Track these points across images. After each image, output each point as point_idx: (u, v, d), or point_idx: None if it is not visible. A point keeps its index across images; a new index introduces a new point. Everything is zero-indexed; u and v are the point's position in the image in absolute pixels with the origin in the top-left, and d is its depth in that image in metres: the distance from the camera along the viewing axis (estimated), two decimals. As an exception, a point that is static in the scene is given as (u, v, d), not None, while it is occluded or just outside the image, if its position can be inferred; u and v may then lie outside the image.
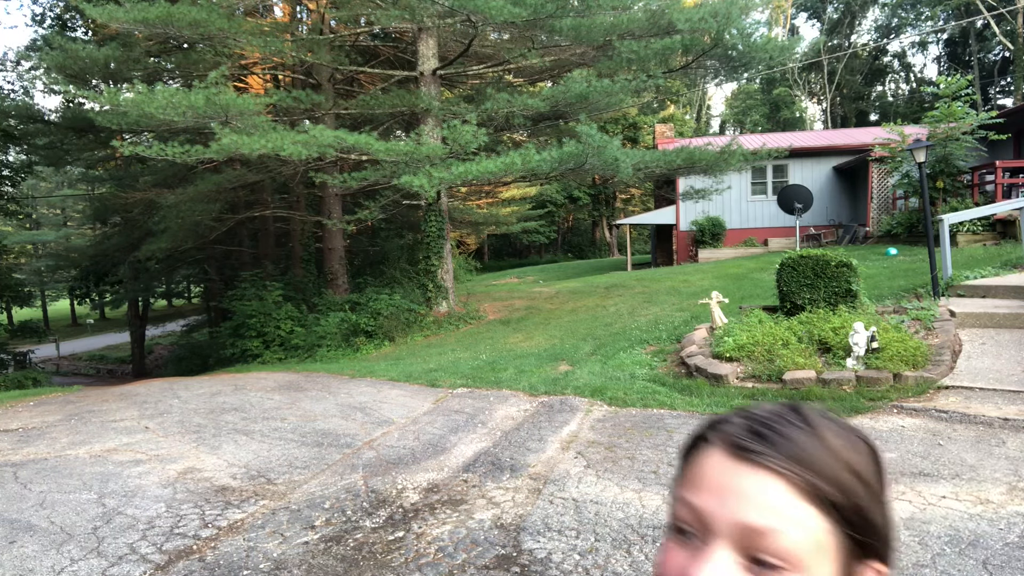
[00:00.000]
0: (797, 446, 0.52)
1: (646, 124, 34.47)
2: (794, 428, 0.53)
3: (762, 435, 0.53)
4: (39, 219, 40.53)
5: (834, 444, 0.53)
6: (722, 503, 0.51)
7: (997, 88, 40.10)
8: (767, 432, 0.53)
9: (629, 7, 12.17)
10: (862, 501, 0.51)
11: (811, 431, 0.53)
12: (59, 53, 13.17)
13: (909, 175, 13.58)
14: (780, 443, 0.52)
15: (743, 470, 0.52)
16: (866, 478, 0.53)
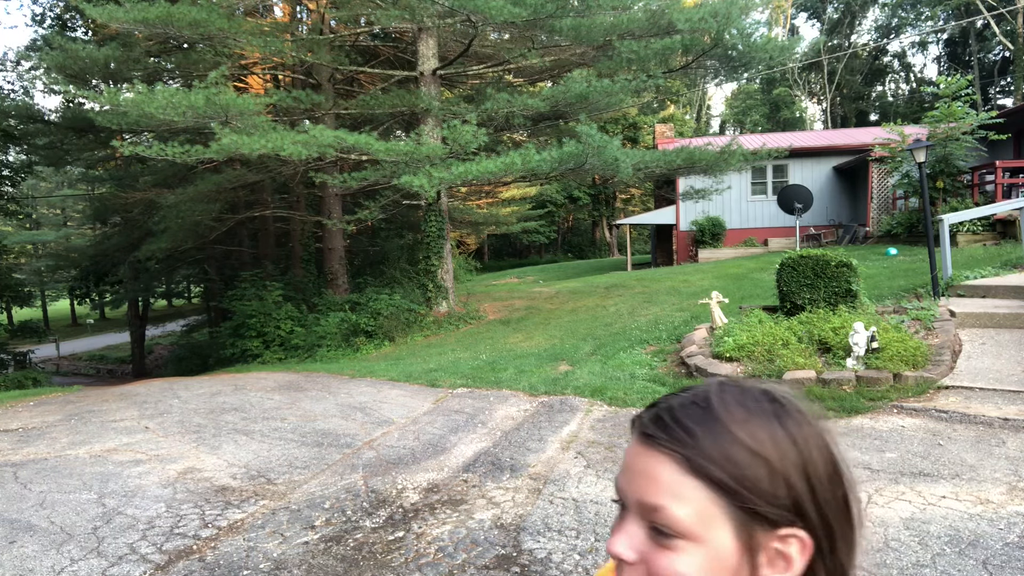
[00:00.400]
0: (689, 430, 0.57)
1: (646, 124, 34.48)
2: (693, 414, 0.58)
3: (662, 421, 0.58)
4: (39, 219, 40.53)
5: (731, 424, 0.57)
6: (629, 481, 0.59)
7: (997, 88, 40.11)
8: (667, 419, 0.58)
9: (629, 7, 12.17)
10: (754, 477, 0.55)
11: (710, 413, 0.58)
12: (59, 53, 13.17)
13: (909, 175, 13.58)
14: (674, 428, 0.57)
15: (644, 452, 0.58)
16: (764, 454, 0.56)
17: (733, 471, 0.55)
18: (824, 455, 0.59)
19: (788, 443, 0.57)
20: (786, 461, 0.56)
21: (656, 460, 0.57)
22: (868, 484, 3.65)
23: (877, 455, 4.11)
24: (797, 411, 0.60)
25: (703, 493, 0.55)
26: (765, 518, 0.55)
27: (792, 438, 0.58)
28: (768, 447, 0.56)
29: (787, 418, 0.59)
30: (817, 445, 0.59)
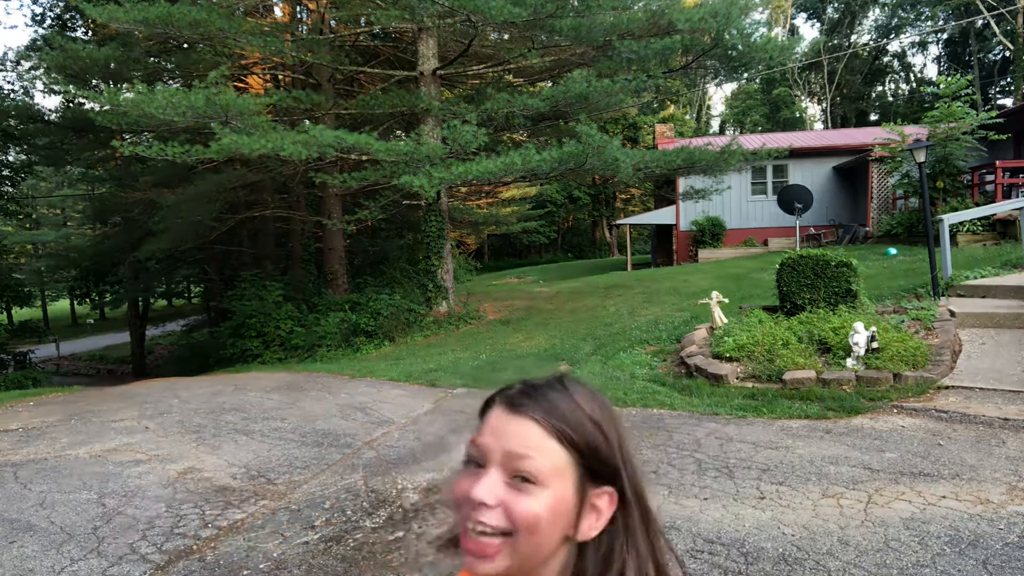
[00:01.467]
0: (550, 402, 0.72)
1: (646, 124, 34.46)
2: (552, 390, 0.74)
3: (528, 394, 0.73)
4: (39, 219, 40.49)
5: (580, 401, 0.73)
6: (496, 439, 0.72)
7: (997, 88, 40.09)
8: (532, 392, 0.73)
9: (629, 7, 12.16)
10: (595, 441, 0.71)
11: (564, 392, 0.74)
12: (59, 53, 13.16)
13: (909, 175, 13.58)
14: (539, 399, 0.72)
15: (512, 418, 0.72)
16: (603, 427, 0.72)
17: (584, 437, 0.71)
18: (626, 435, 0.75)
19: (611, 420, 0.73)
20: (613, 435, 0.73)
21: (525, 424, 0.71)
22: (868, 484, 3.65)
23: (877, 455, 4.11)
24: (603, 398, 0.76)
25: (560, 451, 0.70)
26: (596, 476, 0.71)
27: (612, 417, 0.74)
28: (605, 423, 0.72)
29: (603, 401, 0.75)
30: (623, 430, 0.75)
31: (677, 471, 4.05)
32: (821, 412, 5.08)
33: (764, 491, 3.64)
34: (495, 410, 0.75)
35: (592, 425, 0.72)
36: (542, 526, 0.68)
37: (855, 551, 2.92)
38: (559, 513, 0.69)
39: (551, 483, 0.69)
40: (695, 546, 3.05)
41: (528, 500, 0.68)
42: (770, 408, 5.26)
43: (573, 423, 0.71)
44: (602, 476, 0.71)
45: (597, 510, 0.71)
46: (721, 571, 2.81)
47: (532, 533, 0.68)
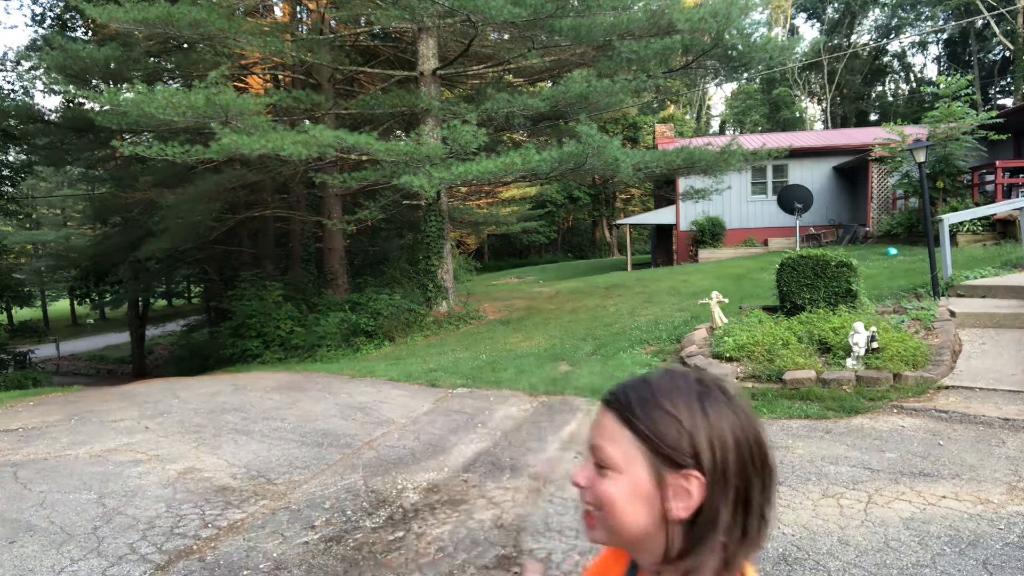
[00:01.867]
0: (628, 396, 0.79)
1: (646, 124, 34.46)
2: (634, 387, 0.80)
3: (615, 392, 0.81)
4: (39, 219, 40.49)
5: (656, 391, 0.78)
6: (592, 433, 0.82)
7: (997, 88, 40.08)
8: (618, 390, 0.81)
9: (629, 7, 12.16)
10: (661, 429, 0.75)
11: (644, 388, 0.79)
12: (59, 53, 13.15)
13: (909, 175, 13.58)
14: (620, 396, 0.80)
15: (601, 412, 0.81)
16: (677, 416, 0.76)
17: (649, 426, 0.76)
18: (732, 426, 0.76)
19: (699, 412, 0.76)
20: (693, 424, 0.75)
21: (605, 416, 0.80)
22: (868, 484, 3.65)
23: (877, 455, 4.11)
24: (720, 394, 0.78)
25: (630, 439, 0.77)
26: (671, 461, 0.75)
27: (703, 409, 0.76)
28: (681, 412, 0.76)
29: (707, 396, 0.77)
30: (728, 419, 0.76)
31: (677, 471, 4.04)
32: (821, 412, 5.08)
33: (764, 491, 3.64)
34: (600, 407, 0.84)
35: (661, 413, 0.76)
36: (617, 505, 0.77)
37: (855, 551, 2.92)
38: (635, 495, 0.76)
39: (625, 468, 0.77)
40: (695, 546, 3.05)
41: (605, 483, 0.78)
42: (770, 408, 5.26)
43: (641, 413, 0.77)
44: (679, 462, 0.74)
45: (686, 493, 0.74)
46: (721, 571, 2.81)
47: (611, 510, 0.77)
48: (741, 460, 0.75)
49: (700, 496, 0.74)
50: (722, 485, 0.74)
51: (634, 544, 0.78)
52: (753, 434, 0.77)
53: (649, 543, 0.77)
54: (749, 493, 0.75)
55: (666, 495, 0.75)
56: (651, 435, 0.76)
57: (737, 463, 0.75)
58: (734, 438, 0.75)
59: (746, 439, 0.76)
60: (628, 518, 0.76)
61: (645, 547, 0.78)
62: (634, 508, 0.76)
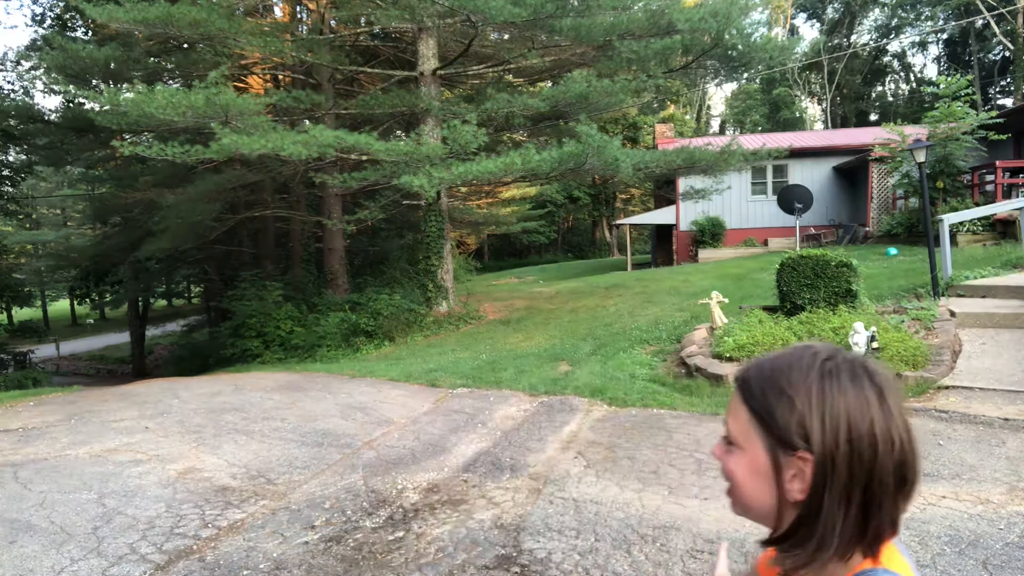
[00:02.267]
0: (749, 374, 0.80)
1: (646, 124, 34.45)
2: (757, 365, 0.81)
3: (742, 368, 0.83)
4: (39, 219, 40.49)
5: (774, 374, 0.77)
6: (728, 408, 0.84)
7: (997, 88, 40.07)
8: (745, 367, 0.83)
9: (629, 7, 12.16)
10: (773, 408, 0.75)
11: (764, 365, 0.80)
12: (59, 53, 13.15)
13: (909, 175, 13.57)
14: (744, 373, 0.81)
15: (734, 390, 0.83)
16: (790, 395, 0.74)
17: (764, 404, 0.76)
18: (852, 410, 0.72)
19: (816, 392, 0.73)
20: (807, 404, 0.73)
21: (733, 394, 0.82)
22: (868, 484, 3.65)
23: (877, 455, 4.11)
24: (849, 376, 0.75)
25: (746, 416, 0.78)
26: (783, 441, 0.74)
27: (822, 389, 0.74)
28: (797, 391, 0.74)
29: (831, 376, 0.75)
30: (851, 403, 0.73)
31: (677, 471, 4.05)
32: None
33: (764, 491, 3.64)
34: None
35: (775, 392, 0.76)
36: (738, 479, 0.79)
37: (855, 551, 2.92)
38: (754, 472, 0.77)
39: (744, 445, 0.79)
40: (695, 546, 3.05)
41: (730, 458, 0.81)
42: (770, 408, 5.26)
43: (757, 390, 0.78)
44: (790, 443, 0.73)
45: (800, 475, 0.73)
46: (721, 571, 2.81)
47: (735, 485, 0.80)
48: (857, 447, 0.71)
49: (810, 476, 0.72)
50: (830, 471, 0.71)
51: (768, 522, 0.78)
52: (881, 422, 0.72)
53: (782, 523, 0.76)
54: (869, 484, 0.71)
55: (783, 475, 0.74)
56: (764, 414, 0.76)
57: (850, 450, 0.71)
58: (850, 423, 0.72)
59: (869, 426, 0.71)
60: (752, 494, 0.78)
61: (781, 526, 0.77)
62: (756, 485, 0.77)
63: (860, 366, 0.76)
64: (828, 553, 0.72)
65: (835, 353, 0.77)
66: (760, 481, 0.76)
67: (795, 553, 0.75)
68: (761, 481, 0.76)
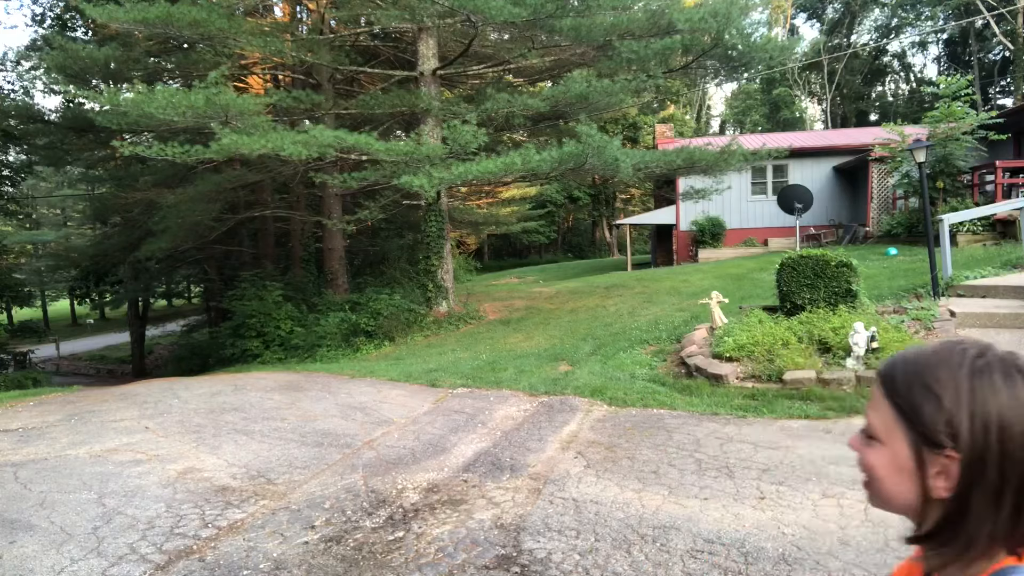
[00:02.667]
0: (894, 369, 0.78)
1: (646, 124, 34.45)
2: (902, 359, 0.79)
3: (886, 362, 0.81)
4: (39, 219, 40.49)
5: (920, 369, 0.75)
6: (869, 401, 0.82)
7: (997, 88, 40.07)
8: (889, 361, 0.81)
9: (629, 7, 12.16)
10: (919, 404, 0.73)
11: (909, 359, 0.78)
12: (59, 53, 13.16)
13: (909, 175, 13.58)
14: (888, 368, 0.79)
15: (875, 384, 0.81)
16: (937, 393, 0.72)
17: (909, 400, 0.75)
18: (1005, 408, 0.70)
19: (966, 389, 0.71)
20: (956, 401, 0.71)
21: (876, 387, 0.81)
22: (868, 484, 3.65)
23: (877, 455, 4.11)
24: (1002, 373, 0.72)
25: (889, 412, 0.77)
26: (928, 438, 0.72)
27: (972, 387, 0.71)
28: (945, 388, 0.72)
29: (982, 373, 0.72)
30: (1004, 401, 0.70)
31: (677, 471, 4.05)
32: (821, 412, 5.08)
33: (764, 491, 3.64)
34: None
35: (922, 388, 0.74)
36: (877, 473, 0.78)
37: (855, 551, 2.92)
38: (895, 467, 0.76)
39: (886, 440, 0.77)
40: (695, 546, 3.05)
41: (869, 451, 0.80)
42: (770, 408, 5.26)
43: (902, 385, 0.76)
44: (936, 440, 0.71)
45: (946, 473, 0.72)
46: (721, 571, 2.82)
47: (874, 479, 0.79)
48: (1009, 448, 0.68)
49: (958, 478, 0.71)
50: (979, 470, 0.69)
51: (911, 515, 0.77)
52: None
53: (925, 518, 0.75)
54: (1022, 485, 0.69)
55: (927, 472, 0.73)
56: (908, 410, 0.74)
57: (1001, 451, 0.68)
58: (1003, 423, 0.69)
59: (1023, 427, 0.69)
60: (892, 489, 0.77)
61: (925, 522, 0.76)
62: (897, 480, 0.76)
63: (1013, 365, 0.73)
64: (975, 553, 0.71)
65: (986, 350, 0.75)
66: (902, 477, 0.75)
67: (942, 551, 0.74)
68: (903, 477, 0.75)
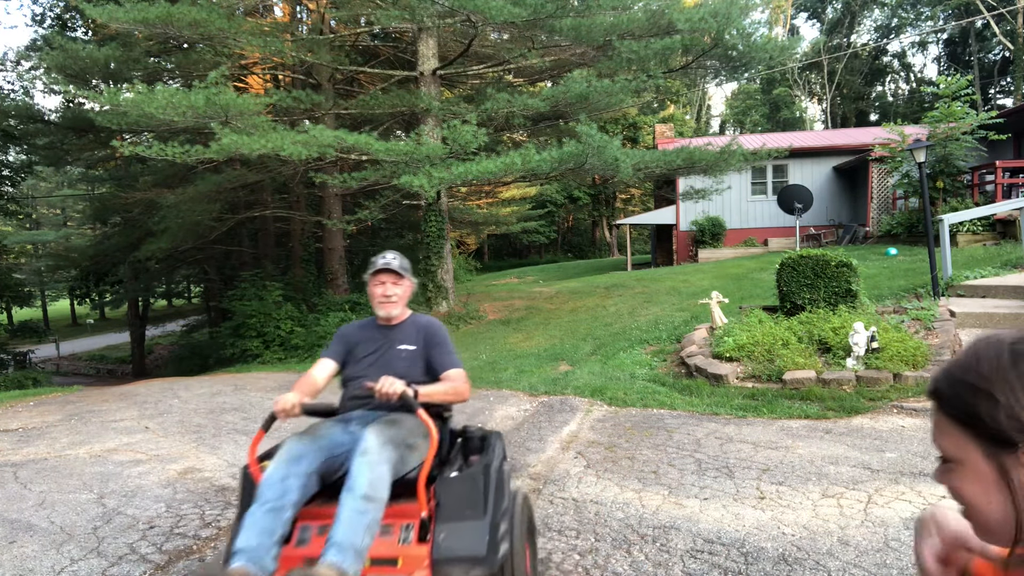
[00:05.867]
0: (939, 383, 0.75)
1: (646, 124, 34.45)
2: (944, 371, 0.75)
3: (932, 379, 0.77)
4: (39, 219, 40.52)
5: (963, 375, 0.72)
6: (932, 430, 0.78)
7: (997, 88, 40.07)
8: (933, 378, 0.77)
9: (629, 7, 12.16)
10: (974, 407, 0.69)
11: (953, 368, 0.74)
12: (59, 53, 13.15)
13: (909, 175, 13.58)
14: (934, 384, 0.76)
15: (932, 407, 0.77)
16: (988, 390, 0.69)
17: (963, 407, 0.71)
18: None
19: (1015, 380, 0.68)
20: (1008, 394, 0.67)
21: (931, 410, 0.77)
22: (868, 484, 3.66)
23: (877, 455, 4.11)
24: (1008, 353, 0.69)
25: (951, 427, 0.73)
26: (999, 440, 0.68)
27: (1021, 375, 0.68)
28: (993, 385, 0.68)
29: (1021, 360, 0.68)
30: None
31: (677, 471, 4.05)
32: (821, 412, 5.08)
33: (764, 491, 3.64)
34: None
35: (970, 391, 0.70)
36: (968, 497, 0.73)
37: (855, 551, 2.92)
38: (981, 485, 0.71)
39: (961, 458, 0.72)
40: (695, 546, 3.05)
41: (953, 478, 0.75)
42: (770, 408, 5.26)
43: (950, 394, 0.73)
44: (1010, 439, 0.67)
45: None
46: (721, 571, 2.81)
47: (968, 505, 0.74)
48: None
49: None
50: None
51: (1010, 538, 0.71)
52: None
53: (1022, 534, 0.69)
54: None
55: (1013, 477, 0.68)
56: (967, 417, 0.70)
57: None
58: None
59: None
60: (986, 508, 0.71)
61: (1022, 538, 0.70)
62: (988, 498, 0.70)
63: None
64: None
65: (1020, 335, 0.72)
66: (990, 492, 0.70)
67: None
68: (992, 491, 0.70)
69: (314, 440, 2.45)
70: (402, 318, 3.02)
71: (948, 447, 0.74)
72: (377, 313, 2.97)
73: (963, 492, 0.73)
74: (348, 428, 2.57)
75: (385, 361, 2.84)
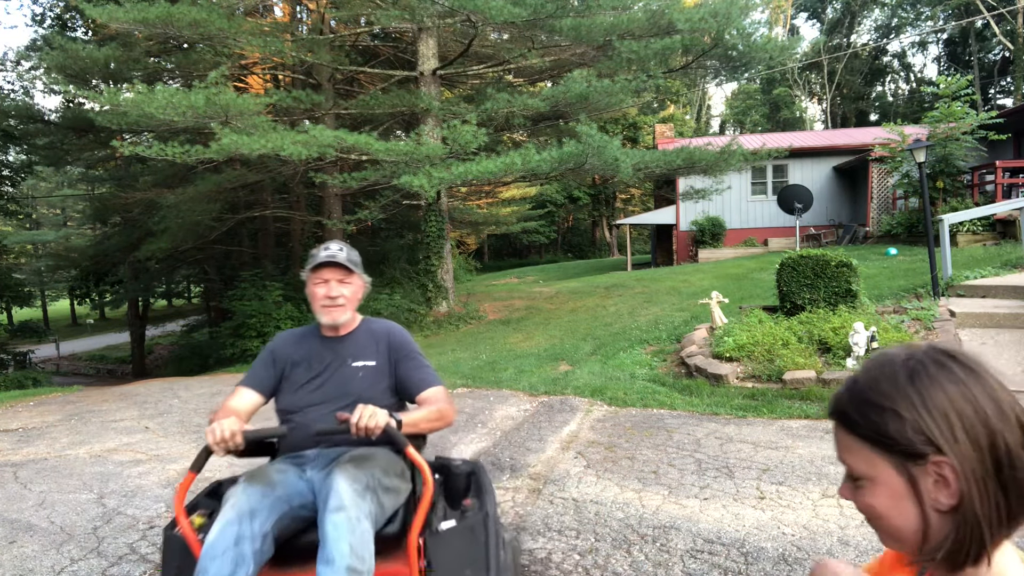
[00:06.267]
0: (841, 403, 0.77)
1: (646, 124, 34.45)
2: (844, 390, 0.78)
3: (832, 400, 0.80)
4: (39, 219, 40.50)
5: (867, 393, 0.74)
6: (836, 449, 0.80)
7: (997, 88, 40.07)
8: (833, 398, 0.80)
9: (629, 7, 12.16)
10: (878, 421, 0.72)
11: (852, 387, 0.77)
12: (59, 53, 13.15)
13: (909, 175, 13.58)
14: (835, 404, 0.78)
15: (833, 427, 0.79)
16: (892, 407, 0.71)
17: (871, 426, 0.73)
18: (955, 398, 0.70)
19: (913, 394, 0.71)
20: (911, 408, 0.70)
21: (835, 429, 0.79)
22: (868, 484, 3.65)
23: (877, 455, 4.10)
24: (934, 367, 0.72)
25: (860, 446, 0.75)
26: (908, 454, 0.71)
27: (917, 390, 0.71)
28: (895, 400, 0.72)
29: (918, 374, 0.72)
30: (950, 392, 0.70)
31: (677, 471, 4.05)
32: (821, 412, 5.07)
33: (764, 491, 3.64)
34: None
35: (874, 408, 0.73)
36: (880, 512, 0.75)
37: (855, 551, 2.92)
38: (892, 498, 0.73)
39: (872, 474, 0.75)
40: (695, 546, 3.05)
41: (862, 495, 0.77)
42: (770, 408, 5.26)
43: (857, 415, 0.75)
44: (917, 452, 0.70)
45: (943, 480, 0.70)
46: (721, 571, 2.81)
47: (879, 519, 0.76)
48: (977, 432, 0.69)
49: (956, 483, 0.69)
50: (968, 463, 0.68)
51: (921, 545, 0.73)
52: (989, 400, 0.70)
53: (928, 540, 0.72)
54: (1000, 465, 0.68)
55: (924, 488, 0.71)
56: (875, 435, 0.73)
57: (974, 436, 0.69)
58: (959, 411, 0.69)
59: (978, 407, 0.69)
60: (898, 521, 0.74)
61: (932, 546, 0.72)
62: (900, 511, 0.73)
63: (941, 353, 0.73)
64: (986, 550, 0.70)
65: (912, 350, 0.75)
66: (901, 504, 0.73)
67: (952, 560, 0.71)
68: (903, 503, 0.72)
69: (268, 488, 1.89)
70: (352, 325, 2.44)
71: (858, 465, 0.76)
72: (320, 320, 2.32)
73: (876, 506, 0.75)
74: (304, 472, 2.03)
75: (337, 383, 2.24)
